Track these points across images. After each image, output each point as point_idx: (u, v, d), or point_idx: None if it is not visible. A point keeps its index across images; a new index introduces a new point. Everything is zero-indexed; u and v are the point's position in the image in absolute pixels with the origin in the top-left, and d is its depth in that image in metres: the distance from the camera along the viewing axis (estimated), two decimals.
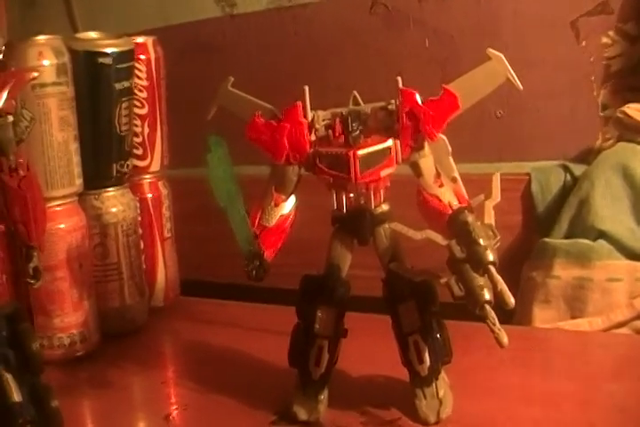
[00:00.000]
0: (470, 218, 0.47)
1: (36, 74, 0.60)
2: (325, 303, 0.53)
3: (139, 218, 0.79)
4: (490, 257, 0.45)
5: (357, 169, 0.49)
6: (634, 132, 0.85)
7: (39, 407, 0.50)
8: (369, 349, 0.62)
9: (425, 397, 0.52)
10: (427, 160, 0.51)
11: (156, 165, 0.83)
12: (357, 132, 0.50)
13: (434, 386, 0.52)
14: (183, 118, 0.83)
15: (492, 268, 0.45)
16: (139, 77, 0.79)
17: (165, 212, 0.84)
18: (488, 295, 0.45)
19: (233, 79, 0.56)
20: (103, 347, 0.73)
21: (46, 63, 0.66)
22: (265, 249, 0.51)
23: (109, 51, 0.72)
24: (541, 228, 0.90)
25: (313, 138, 0.52)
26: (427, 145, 0.51)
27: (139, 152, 0.81)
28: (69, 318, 0.69)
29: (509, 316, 0.68)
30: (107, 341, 0.73)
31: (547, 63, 0.92)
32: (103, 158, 0.75)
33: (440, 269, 0.48)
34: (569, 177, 0.90)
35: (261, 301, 0.82)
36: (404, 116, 0.50)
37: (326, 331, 0.53)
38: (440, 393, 0.52)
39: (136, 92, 0.78)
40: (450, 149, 0.51)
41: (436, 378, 0.52)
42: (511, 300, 0.44)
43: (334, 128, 0.51)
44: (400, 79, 0.51)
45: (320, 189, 0.52)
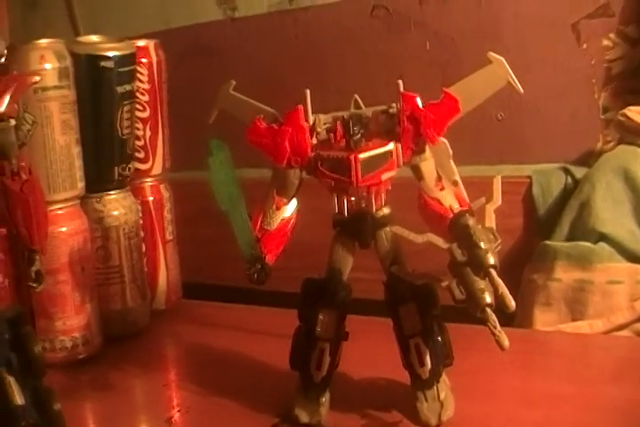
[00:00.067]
0: (471, 221, 0.47)
1: (38, 78, 0.60)
2: (327, 306, 0.53)
3: (140, 221, 0.79)
4: (491, 260, 0.45)
5: (359, 172, 0.50)
6: (635, 134, 0.85)
7: (41, 410, 0.50)
8: (370, 351, 0.62)
9: (426, 399, 0.52)
10: (428, 163, 0.51)
11: (157, 169, 0.83)
12: (359, 135, 0.50)
13: (435, 389, 0.52)
14: (185, 121, 0.83)
15: (492, 271, 0.45)
16: (140, 81, 0.79)
17: (167, 215, 0.84)
18: (489, 298, 0.45)
19: (234, 82, 0.56)
20: (105, 350, 0.73)
21: (48, 67, 0.66)
22: (266, 252, 0.52)
23: (111, 54, 0.72)
24: (542, 230, 0.90)
25: (314, 141, 0.52)
26: (428, 148, 0.51)
27: (140, 155, 0.81)
28: (71, 321, 0.69)
29: (510, 319, 0.69)
30: (109, 343, 0.73)
31: (547, 66, 0.92)
32: (105, 162, 0.75)
33: (441, 273, 0.48)
34: (570, 180, 0.90)
35: (263, 304, 0.82)
36: (404, 119, 0.50)
37: (328, 334, 0.53)
38: (441, 396, 0.52)
39: (138, 95, 0.78)
40: (451, 153, 0.51)
41: (438, 381, 0.52)
42: (512, 303, 0.44)
43: (335, 132, 0.51)
44: (401, 82, 0.51)
45: (321, 193, 0.52)
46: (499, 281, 0.45)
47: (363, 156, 0.50)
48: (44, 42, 0.67)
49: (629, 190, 0.83)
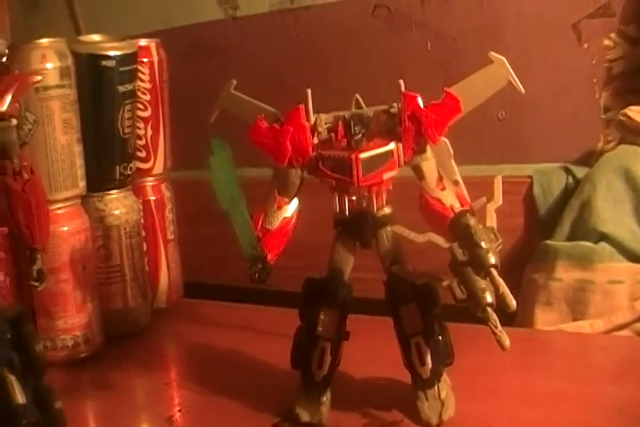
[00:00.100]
0: (472, 221, 0.47)
1: (39, 77, 0.60)
2: (328, 306, 0.53)
3: (142, 220, 0.79)
4: (492, 260, 0.45)
5: (360, 172, 0.50)
6: (635, 134, 0.85)
7: (43, 409, 0.50)
8: (371, 351, 0.62)
9: (427, 399, 0.52)
10: (429, 163, 0.51)
11: (158, 168, 0.83)
12: (360, 135, 0.50)
13: (436, 388, 0.52)
14: (186, 121, 0.83)
15: (493, 271, 0.45)
16: (142, 80, 0.79)
17: (168, 214, 0.84)
18: (490, 298, 0.45)
19: (235, 82, 0.56)
20: (106, 349, 0.73)
21: (50, 66, 0.66)
22: (268, 252, 0.52)
23: (112, 54, 0.72)
24: (543, 230, 0.90)
25: (315, 141, 0.52)
26: (429, 148, 0.51)
27: (142, 154, 0.81)
28: (72, 320, 0.69)
29: (511, 318, 0.69)
30: (110, 343, 0.73)
31: (548, 65, 0.92)
32: (106, 161, 0.75)
33: (442, 272, 0.48)
34: (571, 179, 0.90)
35: (264, 303, 0.82)
36: (406, 119, 0.50)
37: (329, 333, 0.53)
38: (442, 395, 0.52)
39: (139, 94, 0.78)
40: (452, 152, 0.51)
41: (438, 380, 0.52)
42: (513, 302, 0.44)
43: (337, 131, 0.51)
44: (402, 82, 0.51)
45: (322, 192, 0.52)
46: (499, 281, 0.45)
47: (364, 155, 0.50)
48: (45, 41, 0.67)
49: (630, 190, 0.83)
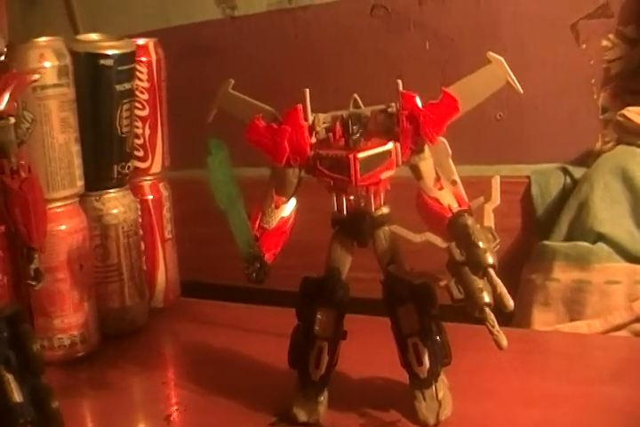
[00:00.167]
0: (470, 221, 0.47)
1: (37, 76, 0.60)
2: (325, 305, 0.53)
3: (139, 219, 0.79)
4: (489, 260, 0.45)
5: (357, 172, 0.50)
6: (633, 135, 0.85)
7: (40, 408, 0.50)
8: (368, 351, 0.62)
9: (424, 399, 0.52)
10: (427, 163, 0.51)
11: (156, 167, 0.83)
12: (358, 134, 0.50)
13: (433, 388, 0.52)
14: (184, 120, 0.83)
15: (491, 270, 0.45)
16: (140, 79, 0.79)
17: (166, 213, 0.84)
18: (487, 298, 0.45)
19: (233, 81, 0.56)
20: (103, 348, 0.73)
21: (47, 65, 0.66)
22: (265, 251, 0.52)
23: (111, 53, 0.72)
24: (541, 230, 0.90)
25: (313, 140, 0.52)
26: (427, 148, 0.51)
27: (139, 154, 0.81)
28: (70, 319, 0.69)
29: (509, 318, 0.69)
30: (107, 342, 0.73)
31: (546, 66, 0.92)
32: (104, 160, 0.75)
33: (439, 272, 0.48)
34: (568, 180, 0.90)
35: (261, 302, 0.82)
36: (404, 119, 0.50)
37: (326, 333, 0.53)
38: (439, 395, 0.52)
39: (137, 93, 0.78)
40: (450, 152, 0.51)
41: (436, 380, 0.52)
42: (510, 302, 0.44)
43: (335, 131, 0.51)
44: (400, 82, 0.51)
45: (320, 192, 0.52)
46: (497, 281, 0.45)
47: (362, 155, 0.50)
48: (43, 40, 0.67)
49: (628, 190, 0.83)
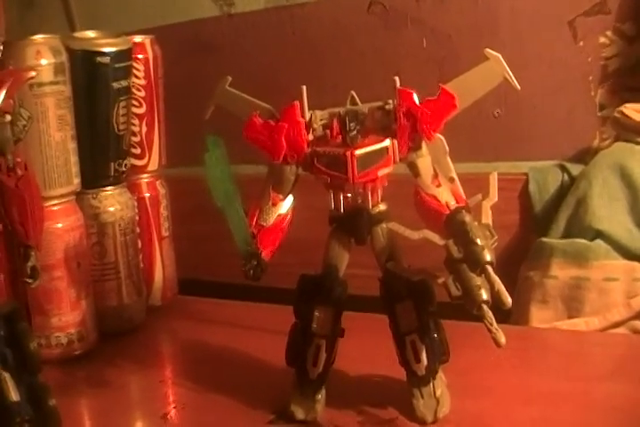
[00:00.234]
0: (468, 218, 0.47)
1: (33, 73, 0.60)
2: (323, 303, 0.53)
3: (136, 217, 0.79)
4: (487, 257, 0.45)
5: (355, 169, 0.49)
6: (631, 131, 0.85)
7: (37, 407, 0.50)
8: (366, 348, 0.62)
9: (422, 396, 0.52)
10: (424, 160, 0.51)
11: (153, 165, 0.83)
12: (355, 131, 0.50)
13: (431, 385, 0.52)
14: (181, 117, 0.83)
15: (489, 268, 0.45)
16: (136, 77, 0.78)
17: (163, 211, 0.84)
18: (485, 295, 0.45)
19: (230, 78, 0.56)
20: (101, 346, 0.73)
21: (44, 62, 0.66)
22: (262, 249, 0.51)
23: (107, 50, 0.72)
24: (539, 227, 0.90)
25: (310, 137, 0.52)
26: (424, 145, 0.51)
27: (136, 151, 0.81)
28: (67, 318, 0.69)
29: (507, 315, 0.69)
30: (104, 340, 0.73)
31: (544, 63, 0.92)
32: (101, 157, 0.75)
33: (437, 269, 0.48)
34: (566, 177, 0.90)
35: (259, 300, 0.82)
36: (401, 115, 0.50)
37: (324, 330, 0.53)
38: (437, 393, 0.52)
39: (134, 91, 0.78)
40: (447, 149, 0.51)
41: (434, 378, 0.52)
42: (508, 300, 0.44)
43: (332, 128, 0.51)
44: (397, 79, 0.51)
45: (318, 189, 0.52)
46: (495, 278, 0.44)
47: (359, 152, 0.49)
48: (39, 37, 0.66)
49: (626, 187, 0.83)
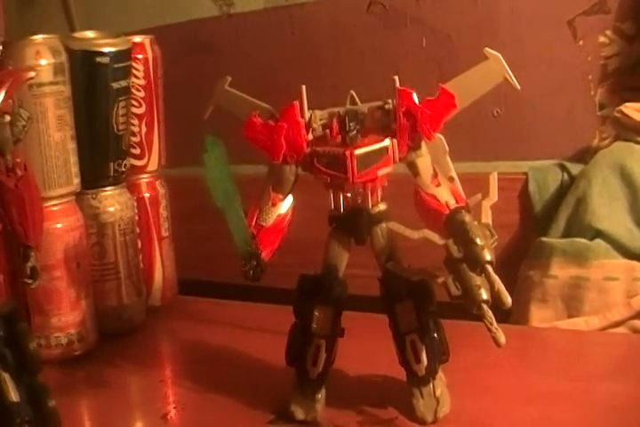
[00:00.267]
0: (467, 217, 0.47)
1: (33, 73, 0.60)
2: (323, 303, 0.53)
3: (136, 217, 0.79)
4: (487, 256, 0.45)
5: (354, 169, 0.49)
6: (631, 131, 0.85)
7: (37, 407, 0.50)
8: (366, 348, 0.62)
9: (422, 396, 0.52)
10: (424, 160, 0.51)
11: (153, 165, 0.83)
12: (354, 131, 0.50)
13: (431, 385, 0.52)
14: (180, 117, 0.83)
15: (489, 267, 0.45)
16: (136, 77, 0.78)
17: (163, 211, 0.84)
18: (485, 295, 0.45)
19: (230, 78, 0.56)
20: (101, 346, 0.73)
21: (43, 62, 0.66)
22: (262, 249, 0.51)
23: (107, 50, 0.72)
24: (539, 227, 0.90)
25: (310, 137, 0.52)
26: (424, 144, 0.51)
27: (136, 151, 0.81)
28: (67, 318, 0.69)
29: (506, 315, 0.69)
30: (104, 340, 0.73)
31: (544, 62, 0.92)
32: (100, 158, 0.75)
33: (437, 269, 0.48)
34: (566, 176, 0.90)
35: (259, 300, 0.82)
36: (401, 115, 0.50)
37: (323, 330, 0.53)
38: (437, 392, 0.52)
39: (133, 91, 0.78)
40: (447, 149, 0.51)
41: (434, 377, 0.52)
42: (508, 299, 0.44)
43: (331, 128, 0.51)
44: (397, 78, 0.51)
45: (317, 189, 0.52)
46: (495, 277, 0.44)
47: (358, 152, 0.49)
48: (39, 38, 0.66)
49: (626, 187, 0.83)
